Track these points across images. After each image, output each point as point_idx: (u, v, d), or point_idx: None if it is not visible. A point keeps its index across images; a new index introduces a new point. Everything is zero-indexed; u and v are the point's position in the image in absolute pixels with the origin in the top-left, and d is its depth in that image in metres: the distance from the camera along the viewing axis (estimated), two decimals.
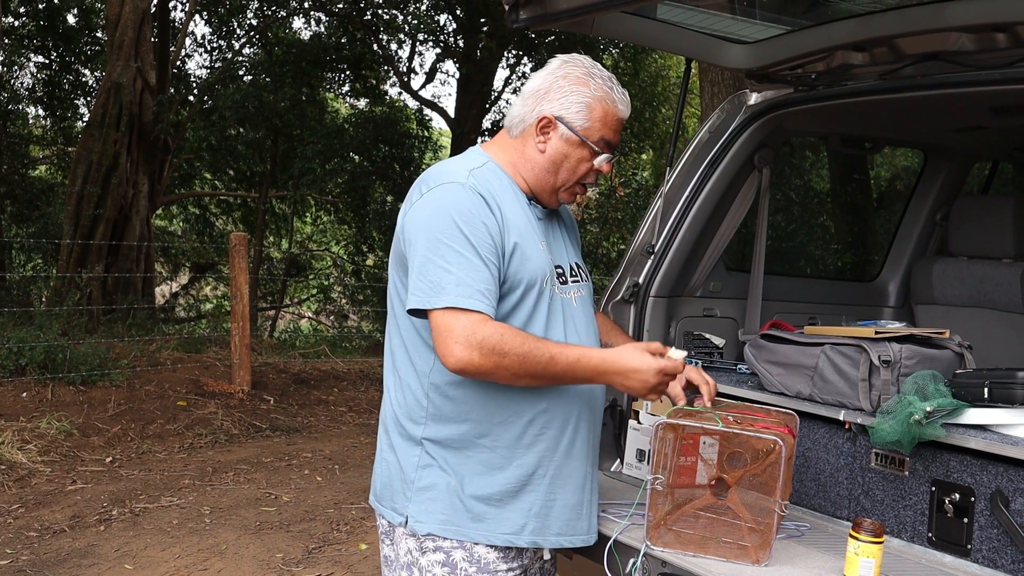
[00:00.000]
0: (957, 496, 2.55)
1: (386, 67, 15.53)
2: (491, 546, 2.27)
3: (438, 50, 15.89)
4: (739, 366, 3.56)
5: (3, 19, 14.34)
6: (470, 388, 2.23)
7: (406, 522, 2.29)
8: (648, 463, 2.58)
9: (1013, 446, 2.41)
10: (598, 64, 2.35)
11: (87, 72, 16.68)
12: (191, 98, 14.80)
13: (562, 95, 2.29)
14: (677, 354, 2.28)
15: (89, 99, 16.34)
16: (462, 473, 2.26)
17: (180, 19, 15.51)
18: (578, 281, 2.44)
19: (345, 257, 17.72)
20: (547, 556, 2.41)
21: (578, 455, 2.36)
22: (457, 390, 2.24)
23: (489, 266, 2.16)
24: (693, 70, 3.74)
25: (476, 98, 15.18)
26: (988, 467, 2.49)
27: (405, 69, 15.97)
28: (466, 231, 2.16)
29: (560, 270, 2.38)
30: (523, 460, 2.27)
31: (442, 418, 2.26)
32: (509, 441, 2.25)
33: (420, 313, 2.18)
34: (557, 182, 2.34)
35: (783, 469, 2.34)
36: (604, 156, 2.32)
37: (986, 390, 2.58)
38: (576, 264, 2.48)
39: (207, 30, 16.18)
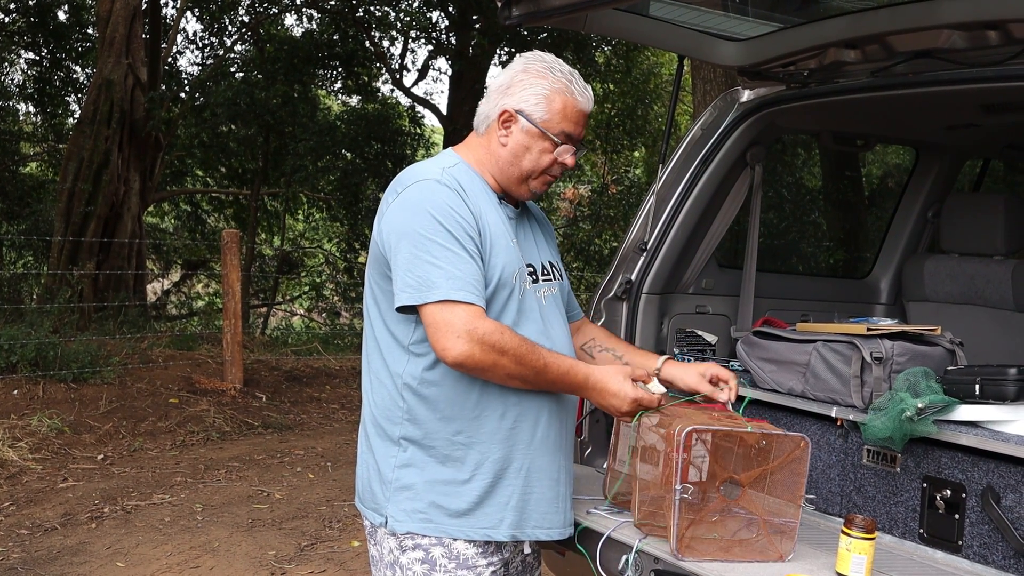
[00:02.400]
0: (948, 492, 2.56)
1: (378, 64, 15.49)
2: (470, 541, 2.29)
3: (430, 47, 15.87)
4: (731, 363, 3.56)
5: None
6: (444, 387, 2.26)
7: (386, 522, 2.31)
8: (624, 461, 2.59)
9: (1004, 442, 2.42)
10: (561, 60, 2.40)
11: (78, 69, 16.61)
12: (183, 95, 14.74)
13: (522, 88, 2.34)
14: (657, 388, 2.39)
15: (80, 96, 16.26)
16: (439, 470, 2.28)
17: (171, 15, 15.46)
18: (550, 280, 2.48)
19: (337, 254, 17.69)
20: (527, 550, 2.42)
21: (552, 448, 2.39)
22: (431, 389, 2.27)
23: (475, 259, 2.21)
24: (685, 67, 3.74)
25: (468, 95, 15.13)
26: (979, 463, 2.50)
27: (397, 66, 15.94)
28: (448, 226, 2.19)
29: (531, 268, 2.41)
30: (499, 455, 2.29)
31: (418, 417, 2.28)
32: (484, 436, 2.28)
33: (408, 310, 2.21)
34: (521, 174, 2.37)
35: (807, 466, 2.38)
36: (566, 148, 2.36)
37: (977, 387, 2.59)
38: (549, 263, 2.52)
39: (199, 27, 16.10)
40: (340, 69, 15.04)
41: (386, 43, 15.50)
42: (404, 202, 2.26)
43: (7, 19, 15.51)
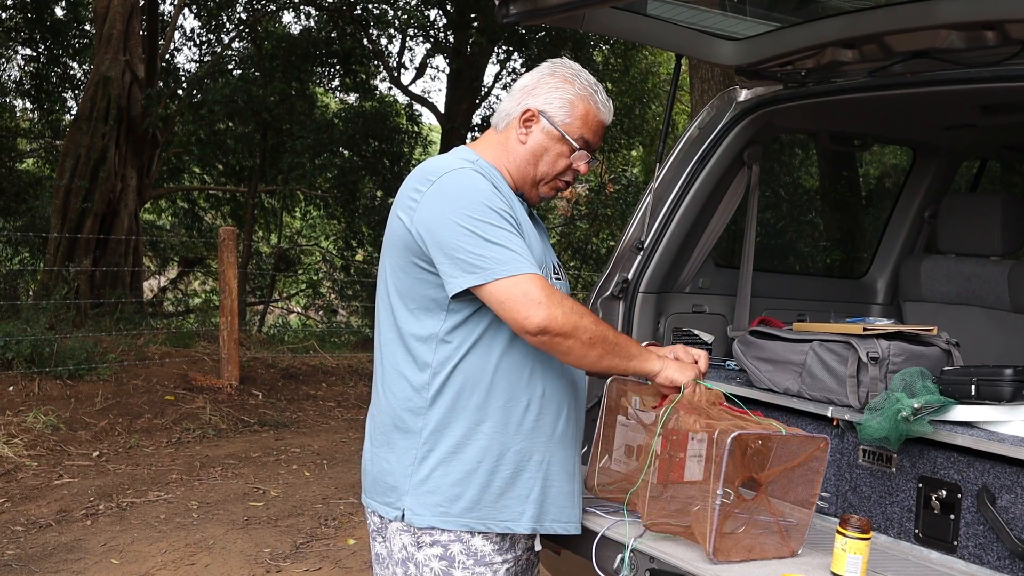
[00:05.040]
0: (944, 493, 2.55)
1: (376, 62, 15.49)
2: (487, 538, 2.29)
3: (428, 45, 15.88)
4: (728, 362, 3.56)
5: None
6: (472, 377, 2.26)
7: (403, 516, 2.29)
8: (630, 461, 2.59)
9: (1000, 443, 2.42)
10: (586, 71, 2.44)
11: (75, 65, 16.59)
12: (180, 92, 14.73)
13: (547, 91, 2.38)
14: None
15: (77, 92, 16.25)
16: (461, 463, 2.27)
17: (169, 12, 15.45)
18: (560, 279, 2.51)
19: (334, 252, 17.69)
20: (537, 546, 2.42)
21: (570, 443, 2.41)
22: (457, 378, 2.26)
23: (523, 237, 2.23)
24: (683, 66, 3.74)
25: (466, 93, 15.15)
26: (975, 464, 2.50)
27: (395, 64, 15.94)
28: (494, 207, 2.21)
29: (546, 266, 2.43)
30: (521, 447, 2.29)
31: (442, 408, 2.28)
32: (509, 428, 2.28)
33: (461, 294, 2.20)
34: (536, 175, 2.40)
35: (824, 465, 2.40)
36: (582, 154, 2.40)
37: (973, 387, 2.59)
38: (556, 263, 2.54)
39: (196, 23, 16.15)
40: (338, 67, 15.05)
41: (384, 41, 15.52)
42: (443, 189, 2.24)
43: (4, 15, 15.48)
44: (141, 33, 13.35)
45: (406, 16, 14.48)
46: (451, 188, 2.24)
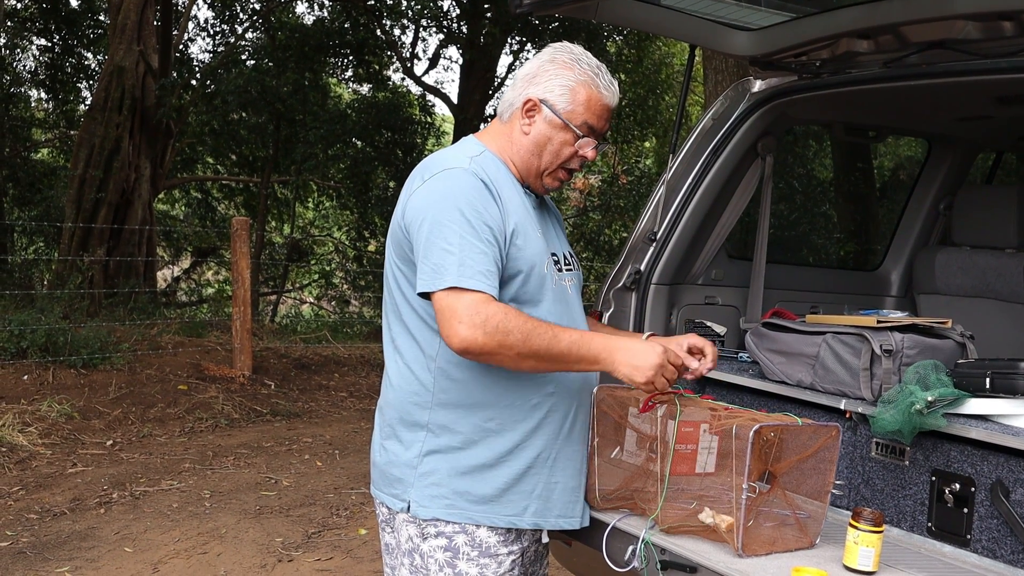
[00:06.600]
0: (957, 486, 2.55)
1: (389, 52, 15.47)
2: (493, 529, 2.29)
3: (441, 36, 15.85)
4: (740, 354, 3.55)
5: (6, 1, 14.32)
6: (477, 371, 2.25)
7: (408, 508, 2.30)
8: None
9: (1014, 436, 2.41)
10: (589, 53, 2.39)
11: (90, 55, 16.64)
12: (194, 82, 14.75)
13: (548, 78, 2.34)
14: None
15: (91, 82, 16.30)
16: (467, 456, 2.27)
17: (183, 2, 15.46)
18: (571, 270, 2.49)
19: (347, 242, 17.71)
20: (545, 539, 2.42)
21: (577, 439, 2.41)
22: (465, 373, 2.26)
23: (489, 249, 2.18)
24: (697, 57, 3.73)
25: (479, 84, 15.12)
26: (989, 457, 2.49)
27: (408, 55, 15.93)
28: (467, 214, 2.18)
29: (555, 257, 2.42)
30: (529, 443, 2.29)
31: (448, 402, 2.27)
32: (516, 424, 2.28)
33: (427, 296, 2.20)
34: (541, 165, 2.37)
35: (837, 454, 2.40)
36: (587, 140, 2.36)
37: (988, 380, 2.58)
38: (568, 253, 2.52)
39: (210, 14, 16.18)
40: (351, 57, 15.03)
41: (397, 31, 15.50)
42: (429, 189, 2.25)
43: (19, 5, 15.54)
44: (155, 23, 13.37)
45: (419, 6, 14.45)
46: (435, 190, 2.23)
